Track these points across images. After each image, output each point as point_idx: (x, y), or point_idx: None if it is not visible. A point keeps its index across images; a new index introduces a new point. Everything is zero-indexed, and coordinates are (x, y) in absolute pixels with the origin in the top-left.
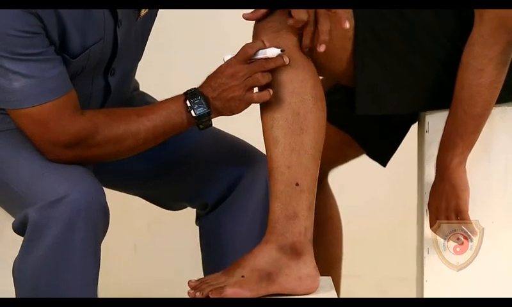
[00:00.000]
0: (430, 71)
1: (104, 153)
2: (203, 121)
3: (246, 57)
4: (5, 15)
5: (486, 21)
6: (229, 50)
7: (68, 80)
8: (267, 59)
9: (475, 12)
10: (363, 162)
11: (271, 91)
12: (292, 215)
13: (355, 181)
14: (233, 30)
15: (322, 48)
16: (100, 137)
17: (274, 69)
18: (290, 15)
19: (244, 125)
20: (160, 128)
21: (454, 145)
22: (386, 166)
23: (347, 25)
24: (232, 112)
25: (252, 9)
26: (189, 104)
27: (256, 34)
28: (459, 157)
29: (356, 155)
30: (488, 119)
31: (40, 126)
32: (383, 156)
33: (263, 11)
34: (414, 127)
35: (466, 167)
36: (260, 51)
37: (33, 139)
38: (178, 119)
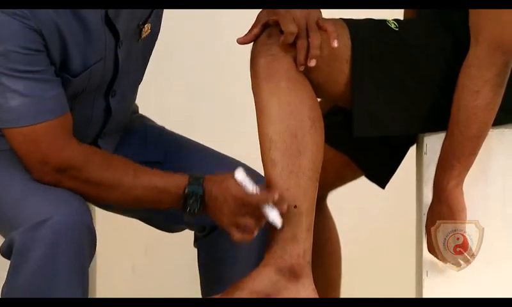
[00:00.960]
0: (427, 93)
1: (88, 192)
2: (189, 214)
3: (254, 202)
4: (7, 30)
5: (482, 43)
6: (227, 70)
7: (66, 103)
8: (265, 215)
9: (471, 34)
10: (362, 184)
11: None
12: (291, 237)
13: (354, 203)
14: (232, 50)
15: (312, 63)
16: (90, 175)
17: (271, 90)
18: (281, 32)
19: (242, 147)
20: (149, 197)
21: (451, 167)
22: (385, 188)
23: (335, 44)
24: (213, 218)
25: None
26: (186, 191)
27: (253, 57)
28: (456, 178)
29: (354, 176)
30: (485, 141)
31: (32, 145)
32: (381, 178)
33: (255, 31)
34: (412, 149)
35: (464, 188)
36: (268, 207)
37: (24, 158)
38: (169, 199)
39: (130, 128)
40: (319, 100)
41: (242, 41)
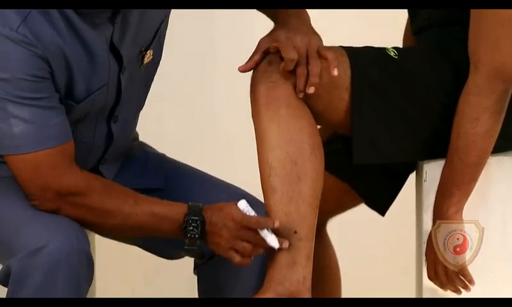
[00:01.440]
0: (427, 120)
1: (88, 219)
2: (190, 243)
3: (252, 225)
4: (14, 58)
5: (481, 70)
6: (226, 98)
7: (69, 131)
8: (262, 239)
9: (470, 61)
10: (362, 211)
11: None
12: (291, 263)
13: (353, 230)
14: (232, 77)
15: (311, 90)
16: (91, 201)
17: (271, 117)
18: (281, 59)
19: (242, 173)
20: (148, 228)
21: (451, 194)
22: (385, 215)
23: (335, 72)
24: (212, 247)
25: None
26: (186, 219)
27: (253, 84)
28: (456, 205)
29: (354, 204)
30: (485, 168)
31: (33, 172)
32: (381, 205)
33: (256, 58)
34: (412, 176)
35: (463, 216)
36: (266, 230)
37: (24, 185)
38: (169, 227)
39: (131, 154)
40: (318, 127)
41: (243, 69)
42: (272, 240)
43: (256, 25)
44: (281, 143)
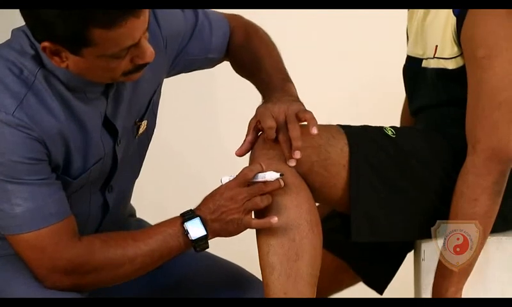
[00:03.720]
0: (424, 200)
1: (100, 279)
2: (200, 244)
3: (245, 180)
4: (11, 141)
5: (479, 151)
6: (224, 169)
7: (67, 206)
8: (265, 182)
9: (467, 142)
10: (360, 289)
11: (275, 219)
12: None
13: None
14: (230, 155)
15: (297, 155)
16: (97, 262)
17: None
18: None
19: (240, 250)
20: (157, 253)
21: (450, 274)
22: (383, 294)
23: (314, 130)
24: (229, 234)
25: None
26: (186, 227)
27: (253, 161)
28: (456, 285)
29: (352, 282)
30: (484, 249)
31: (37, 251)
32: (379, 283)
33: (249, 139)
34: (410, 255)
35: (462, 296)
36: (259, 175)
37: (30, 265)
38: (175, 243)
39: (128, 230)
40: (317, 204)
41: (239, 153)
42: (271, 175)
43: None
44: (279, 220)
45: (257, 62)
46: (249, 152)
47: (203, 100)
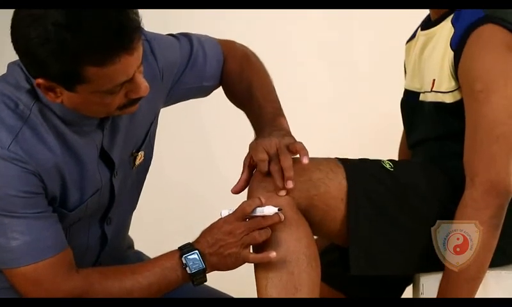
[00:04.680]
0: (423, 233)
1: None
2: (198, 277)
3: (243, 214)
4: (6, 175)
5: (477, 184)
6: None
7: (64, 238)
8: (264, 216)
9: (466, 175)
10: None
11: (273, 254)
12: None
13: None
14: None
15: (289, 185)
16: (94, 295)
17: (269, 230)
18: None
19: (239, 282)
20: (155, 286)
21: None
22: None
23: (305, 159)
24: (227, 268)
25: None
26: (184, 261)
27: (250, 195)
28: None
29: None
30: (483, 283)
31: (34, 285)
32: None
33: (244, 176)
34: (409, 289)
35: None
36: (258, 209)
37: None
38: (173, 276)
39: (126, 262)
40: (315, 237)
41: (235, 191)
42: (269, 210)
43: None
44: (278, 254)
45: (249, 92)
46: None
47: (195, 127)
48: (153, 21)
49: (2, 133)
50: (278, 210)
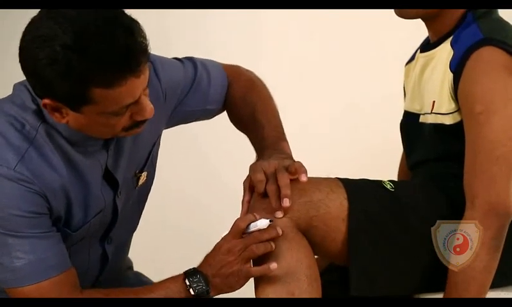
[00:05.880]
0: (423, 254)
1: None
2: (199, 293)
3: (239, 231)
4: (11, 195)
5: (477, 206)
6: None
7: (68, 258)
8: (260, 230)
9: (466, 197)
10: None
11: (274, 265)
12: None
13: None
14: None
15: (286, 203)
16: None
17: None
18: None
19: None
20: None
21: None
22: None
23: (303, 177)
24: (232, 289)
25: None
26: (188, 283)
27: None
28: None
29: None
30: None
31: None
32: None
33: (247, 199)
34: None
35: None
36: (252, 224)
37: None
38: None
39: (126, 283)
40: (316, 257)
41: (241, 215)
42: (261, 223)
43: None
44: (278, 275)
45: (253, 117)
46: None
47: (195, 147)
48: (153, 21)
49: (9, 154)
50: (270, 221)
